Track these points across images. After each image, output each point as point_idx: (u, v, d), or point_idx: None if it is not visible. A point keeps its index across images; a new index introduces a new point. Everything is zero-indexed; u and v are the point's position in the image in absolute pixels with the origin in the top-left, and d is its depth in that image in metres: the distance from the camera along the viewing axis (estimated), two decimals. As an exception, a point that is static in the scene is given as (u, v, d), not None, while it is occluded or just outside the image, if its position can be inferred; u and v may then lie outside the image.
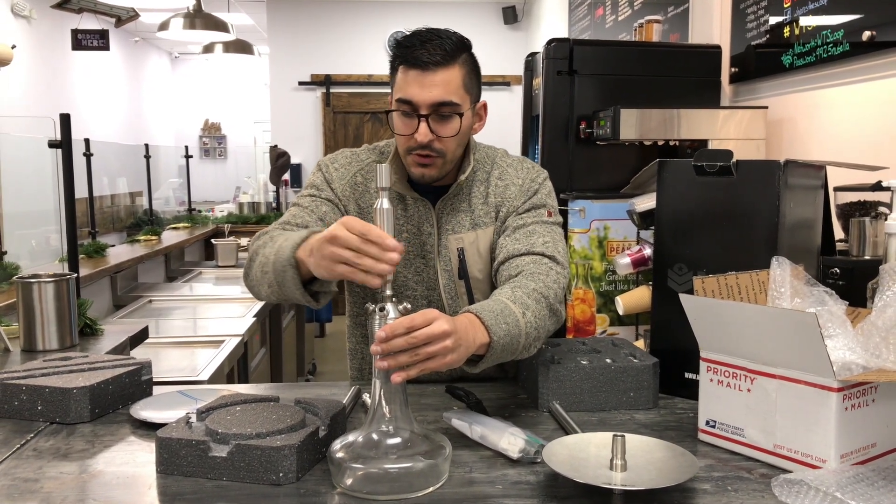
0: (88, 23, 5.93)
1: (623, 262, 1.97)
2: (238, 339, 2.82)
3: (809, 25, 2.21)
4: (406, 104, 1.38)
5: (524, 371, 1.47)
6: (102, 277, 3.60)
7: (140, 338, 2.17)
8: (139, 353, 2.00)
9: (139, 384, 1.42)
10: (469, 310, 1.19)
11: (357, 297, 1.58)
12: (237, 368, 2.92)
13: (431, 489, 1.01)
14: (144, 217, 6.32)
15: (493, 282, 1.48)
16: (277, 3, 7.06)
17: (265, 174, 6.59)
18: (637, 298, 1.97)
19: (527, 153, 2.82)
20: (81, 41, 5.96)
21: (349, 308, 1.62)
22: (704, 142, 2.31)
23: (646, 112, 2.28)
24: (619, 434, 1.02)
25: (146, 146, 5.72)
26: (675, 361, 1.42)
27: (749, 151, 2.29)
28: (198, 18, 5.10)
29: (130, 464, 1.12)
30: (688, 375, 1.41)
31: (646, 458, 1.05)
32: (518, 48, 6.78)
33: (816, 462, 1.04)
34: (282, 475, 1.03)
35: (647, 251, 1.93)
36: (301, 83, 7.12)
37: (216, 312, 3.43)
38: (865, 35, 1.96)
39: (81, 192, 3.72)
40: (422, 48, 1.35)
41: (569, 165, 2.44)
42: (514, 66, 6.55)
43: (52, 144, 2.24)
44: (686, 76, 2.52)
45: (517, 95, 5.94)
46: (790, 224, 1.37)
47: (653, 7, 3.45)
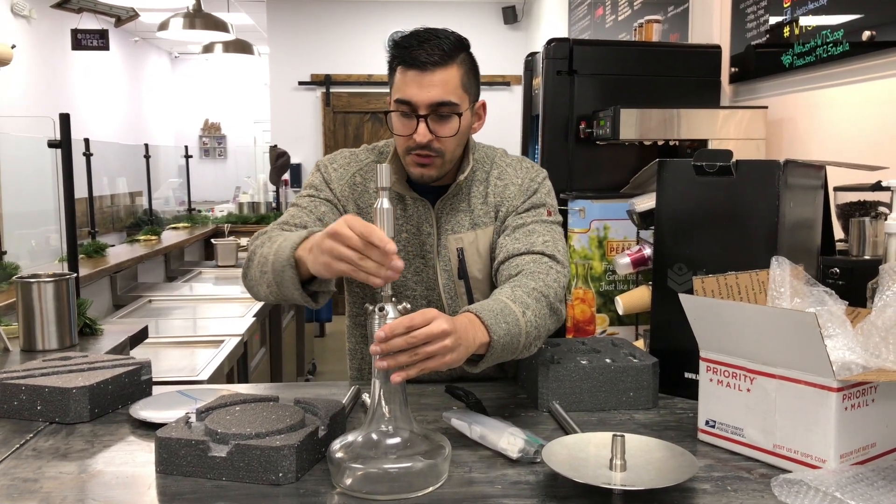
0: (88, 23, 5.93)
1: (623, 262, 1.97)
2: (238, 339, 2.82)
3: (809, 25, 2.21)
4: (404, 104, 1.37)
5: (524, 371, 1.47)
6: (102, 277, 3.60)
7: (140, 338, 2.17)
8: (139, 353, 2.01)
9: (139, 384, 1.42)
10: (469, 309, 1.19)
11: (356, 297, 1.58)
12: (237, 368, 2.92)
13: (431, 489, 1.01)
14: (144, 217, 6.31)
15: (493, 281, 1.48)
16: (277, 3, 7.06)
17: (265, 174, 6.60)
18: (637, 298, 1.97)
19: (527, 153, 2.81)
20: (81, 41, 5.96)
21: (349, 308, 1.62)
22: (704, 142, 2.31)
23: (646, 112, 2.28)
24: (619, 434, 1.02)
25: (146, 146, 5.72)
26: (675, 361, 1.42)
27: (749, 151, 2.29)
28: (197, 18, 5.10)
29: (130, 464, 1.12)
30: (687, 375, 1.41)
31: (645, 458, 1.05)
32: (518, 48, 6.78)
33: (816, 462, 1.04)
34: (281, 475, 1.03)
35: (647, 251, 1.93)
36: (301, 83, 7.12)
37: (216, 312, 3.43)
38: (865, 35, 1.96)
39: (81, 192, 3.73)
40: (419, 48, 1.35)
41: (568, 165, 2.44)
42: (514, 66, 6.55)
43: (52, 144, 2.24)
44: (686, 76, 2.52)
45: (517, 95, 5.94)
46: (790, 224, 1.37)
47: (653, 7, 3.45)
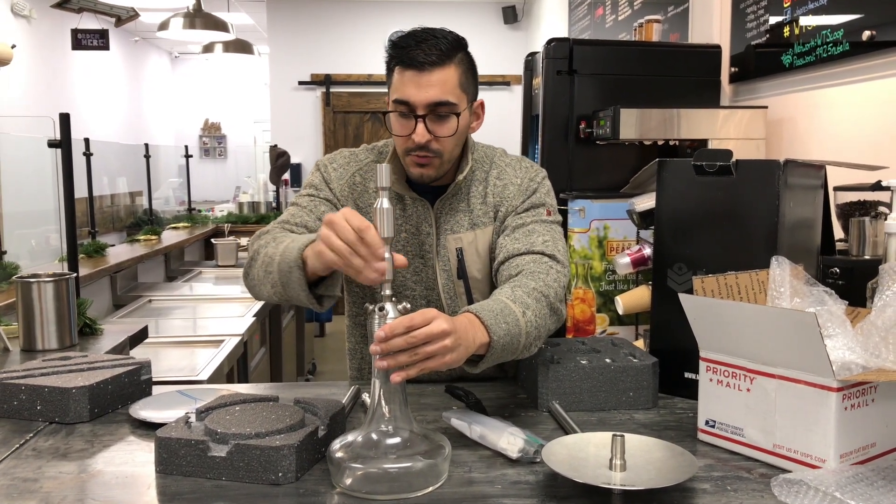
0: (88, 22, 5.93)
1: (623, 262, 1.97)
2: (238, 339, 2.82)
3: (809, 25, 2.21)
4: (403, 105, 1.37)
5: (524, 371, 1.47)
6: (102, 277, 3.60)
7: (139, 337, 2.17)
8: (139, 353, 2.01)
9: (138, 384, 1.42)
10: (469, 309, 1.19)
11: (356, 297, 1.58)
12: (237, 368, 2.92)
13: (431, 489, 1.01)
14: (144, 217, 6.31)
15: (493, 281, 1.48)
16: (277, 3, 7.06)
17: (265, 174, 6.60)
18: (637, 298, 1.97)
19: (526, 153, 2.81)
20: (81, 41, 5.95)
21: (348, 308, 1.62)
22: (704, 141, 2.31)
23: (646, 112, 2.28)
24: (619, 434, 1.02)
25: (146, 146, 5.72)
26: (675, 361, 1.42)
27: (749, 151, 2.29)
28: (198, 18, 5.10)
29: (129, 463, 1.12)
30: (687, 375, 1.41)
31: (645, 458, 1.05)
32: (518, 48, 6.78)
33: (816, 462, 1.04)
34: (281, 475, 1.03)
35: (647, 251, 1.93)
36: (301, 83, 7.12)
37: (216, 312, 3.43)
38: (865, 35, 1.96)
39: (81, 192, 3.73)
40: (417, 48, 1.34)
41: (568, 165, 2.44)
42: (514, 66, 6.55)
43: (52, 144, 2.24)
44: (686, 76, 2.52)
45: (517, 95, 5.94)
46: (790, 224, 1.37)
47: (653, 7, 3.45)
